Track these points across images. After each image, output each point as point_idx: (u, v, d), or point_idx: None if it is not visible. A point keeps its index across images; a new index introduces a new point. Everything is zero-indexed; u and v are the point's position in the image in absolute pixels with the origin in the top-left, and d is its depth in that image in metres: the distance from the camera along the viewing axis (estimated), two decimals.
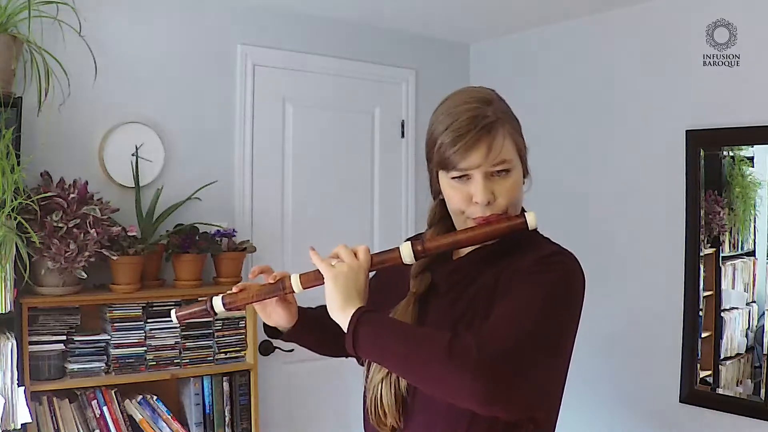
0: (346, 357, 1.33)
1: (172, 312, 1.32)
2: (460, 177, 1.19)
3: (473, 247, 1.25)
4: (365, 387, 1.29)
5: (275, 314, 1.35)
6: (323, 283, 1.20)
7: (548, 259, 1.18)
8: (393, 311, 1.26)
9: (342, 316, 1.14)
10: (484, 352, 1.03)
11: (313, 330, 1.40)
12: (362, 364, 1.31)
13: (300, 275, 1.25)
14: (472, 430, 1.15)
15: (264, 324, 1.40)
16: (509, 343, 1.05)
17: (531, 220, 1.19)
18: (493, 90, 1.27)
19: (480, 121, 1.16)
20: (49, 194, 2.28)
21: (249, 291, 1.29)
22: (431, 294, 1.26)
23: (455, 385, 1.04)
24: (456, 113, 1.17)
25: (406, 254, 1.20)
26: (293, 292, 1.27)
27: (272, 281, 1.29)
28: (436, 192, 1.28)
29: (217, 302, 1.28)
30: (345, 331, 1.14)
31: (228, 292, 1.31)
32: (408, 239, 1.45)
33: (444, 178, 1.22)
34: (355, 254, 1.20)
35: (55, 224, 2.24)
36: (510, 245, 1.22)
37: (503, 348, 1.04)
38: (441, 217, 1.30)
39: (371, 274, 1.25)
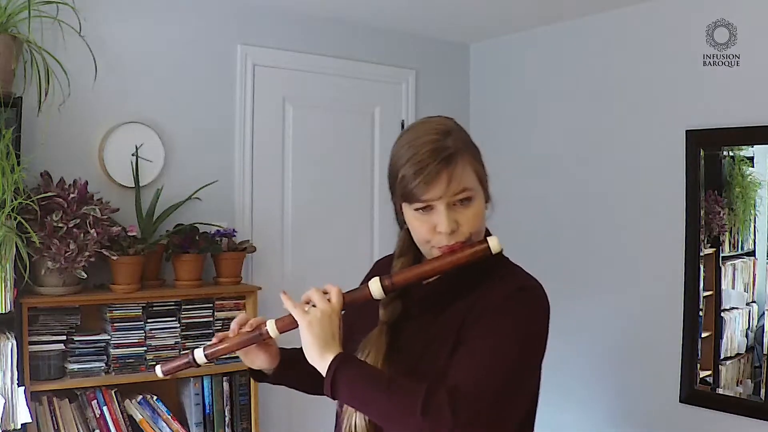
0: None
1: (157, 367, 1.36)
2: (423, 208, 1.21)
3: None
4: (337, 412, 1.32)
5: (257, 358, 1.37)
6: (297, 327, 1.22)
7: (517, 296, 1.21)
8: (365, 340, 1.28)
9: (320, 363, 1.17)
10: (459, 411, 1.07)
11: (297, 369, 1.42)
12: None
13: (275, 321, 1.28)
14: None
15: (249, 369, 1.42)
16: (484, 397, 1.09)
17: (494, 244, 1.21)
18: (452, 119, 1.29)
19: (440, 153, 1.18)
20: (49, 194, 2.28)
21: (229, 341, 1.32)
22: (402, 319, 1.29)
23: None
24: (417, 146, 1.20)
25: (375, 290, 1.23)
26: (270, 337, 1.29)
27: (249, 329, 1.31)
28: (402, 221, 1.30)
29: (199, 354, 1.32)
30: (324, 376, 1.16)
31: (208, 343, 1.35)
32: (375, 264, 1.48)
33: (408, 210, 1.24)
34: (327, 296, 1.22)
35: (55, 224, 2.24)
36: (479, 272, 1.25)
37: (478, 405, 1.09)
38: (409, 246, 1.32)
39: None
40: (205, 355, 1.32)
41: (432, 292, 1.29)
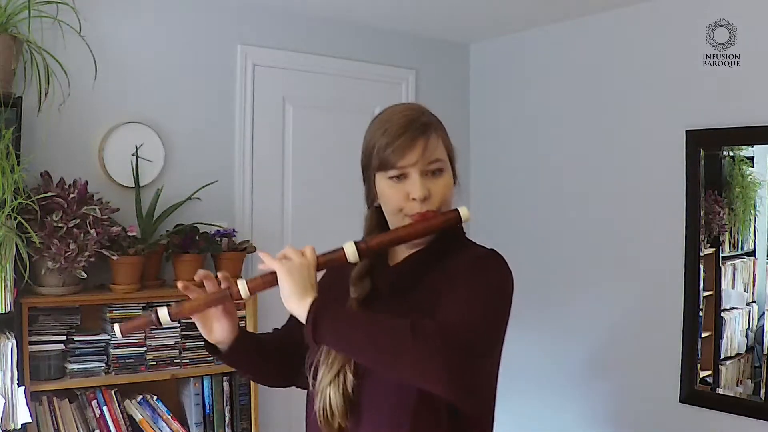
0: (285, 387, 1.44)
1: (116, 326, 1.30)
2: (398, 176, 1.27)
3: (410, 252, 1.33)
4: (308, 393, 1.33)
5: (217, 326, 1.33)
6: (270, 287, 1.23)
7: (485, 259, 1.29)
8: None
9: (300, 307, 1.17)
10: (447, 339, 1.10)
11: (253, 351, 1.41)
12: (306, 387, 1.35)
13: (247, 280, 1.26)
14: (416, 424, 1.20)
15: (205, 341, 1.38)
16: (467, 333, 1.13)
17: (464, 212, 1.28)
18: (422, 105, 1.37)
19: (415, 123, 1.26)
20: (49, 194, 2.28)
21: (195, 300, 1.29)
22: (373, 299, 1.31)
23: (424, 370, 1.10)
24: (391, 120, 1.28)
25: (350, 253, 1.25)
26: (241, 298, 1.28)
27: (217, 288, 1.29)
28: (372, 200, 1.36)
29: (163, 313, 1.27)
30: (304, 322, 1.17)
31: (174, 303, 1.32)
32: None
33: (382, 179, 1.29)
34: (302, 253, 1.25)
35: (55, 224, 2.24)
36: (444, 248, 1.31)
37: (464, 337, 1.12)
38: (377, 224, 1.37)
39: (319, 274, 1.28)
40: (169, 313, 1.26)
41: (400, 271, 1.33)
